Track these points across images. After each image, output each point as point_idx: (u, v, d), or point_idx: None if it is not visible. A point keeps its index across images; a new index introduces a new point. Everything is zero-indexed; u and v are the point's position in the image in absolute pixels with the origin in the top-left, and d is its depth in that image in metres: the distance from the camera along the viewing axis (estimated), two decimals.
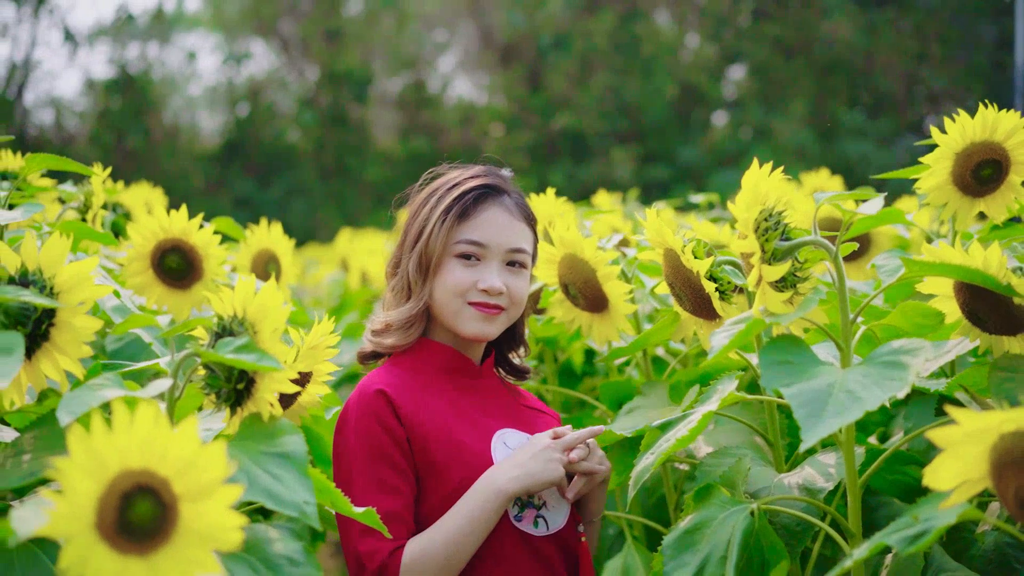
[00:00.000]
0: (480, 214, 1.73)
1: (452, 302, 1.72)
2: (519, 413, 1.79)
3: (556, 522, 1.68)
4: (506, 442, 1.71)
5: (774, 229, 1.41)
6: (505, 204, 1.76)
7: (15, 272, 1.32)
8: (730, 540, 1.36)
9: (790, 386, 1.28)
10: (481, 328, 1.72)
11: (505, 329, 1.78)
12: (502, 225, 1.74)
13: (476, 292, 1.71)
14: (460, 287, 1.71)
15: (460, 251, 1.72)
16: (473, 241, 1.72)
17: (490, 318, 1.72)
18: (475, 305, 1.71)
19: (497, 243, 1.73)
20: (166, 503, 0.98)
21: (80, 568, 0.94)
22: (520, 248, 1.75)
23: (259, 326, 1.32)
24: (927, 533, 1.14)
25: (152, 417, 0.97)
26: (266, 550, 1.24)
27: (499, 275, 1.72)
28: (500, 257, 1.73)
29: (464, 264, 1.72)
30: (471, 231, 1.72)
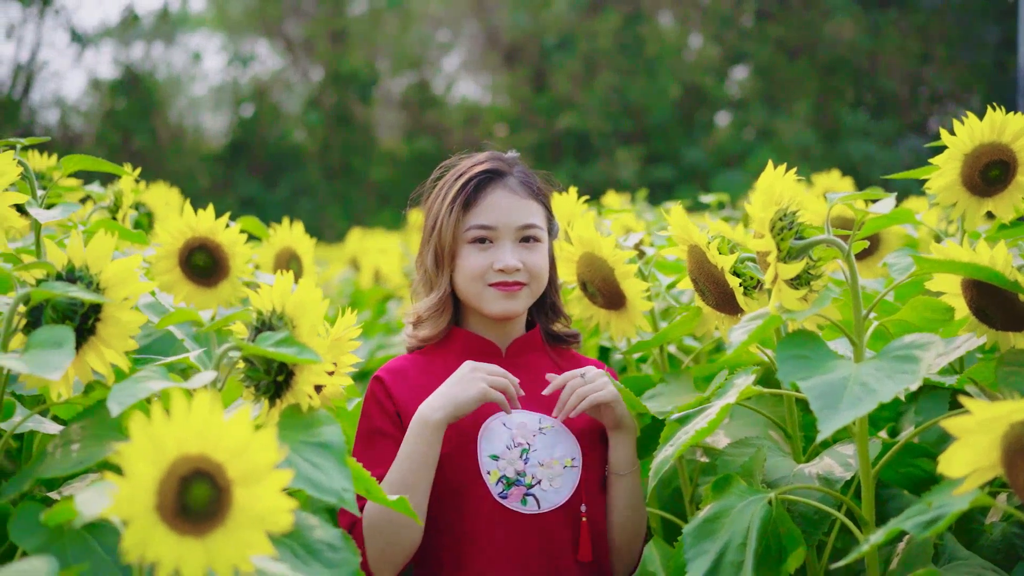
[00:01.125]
0: (485, 199, 1.81)
1: (473, 286, 1.80)
2: (545, 396, 1.81)
3: (551, 501, 1.73)
4: (505, 423, 1.76)
5: (789, 228, 1.47)
6: (508, 185, 1.83)
7: (62, 268, 1.38)
8: (749, 528, 1.41)
9: (807, 379, 1.33)
10: (505, 306, 1.80)
11: (536, 302, 1.87)
12: (508, 205, 1.81)
13: (493, 273, 1.79)
14: (478, 271, 1.79)
15: (472, 237, 1.80)
16: (482, 225, 1.80)
17: (512, 295, 1.79)
18: (495, 286, 1.79)
19: (506, 223, 1.80)
20: (221, 487, 1.04)
21: (142, 548, 1.00)
22: (530, 223, 1.81)
23: (298, 321, 1.38)
24: (941, 518, 1.19)
25: (208, 405, 1.02)
26: (306, 536, 1.29)
27: (513, 253, 1.79)
28: (511, 236, 1.80)
29: (478, 248, 1.80)
30: (478, 216, 1.80)
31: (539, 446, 1.75)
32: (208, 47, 22.89)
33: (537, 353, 1.88)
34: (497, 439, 1.75)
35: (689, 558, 1.43)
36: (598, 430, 1.82)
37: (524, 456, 1.74)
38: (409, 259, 4.24)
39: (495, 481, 1.72)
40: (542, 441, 1.76)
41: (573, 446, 1.77)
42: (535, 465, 1.74)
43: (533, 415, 1.78)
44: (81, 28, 17.53)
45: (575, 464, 1.76)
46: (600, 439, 1.82)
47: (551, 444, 1.76)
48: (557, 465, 1.75)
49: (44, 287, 1.32)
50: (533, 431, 1.77)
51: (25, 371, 1.22)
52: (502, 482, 1.72)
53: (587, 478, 1.77)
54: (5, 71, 17.00)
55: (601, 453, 1.81)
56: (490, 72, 18.63)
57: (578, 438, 1.79)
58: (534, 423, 1.77)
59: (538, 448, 1.75)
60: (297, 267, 2.51)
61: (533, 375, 1.83)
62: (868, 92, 16.29)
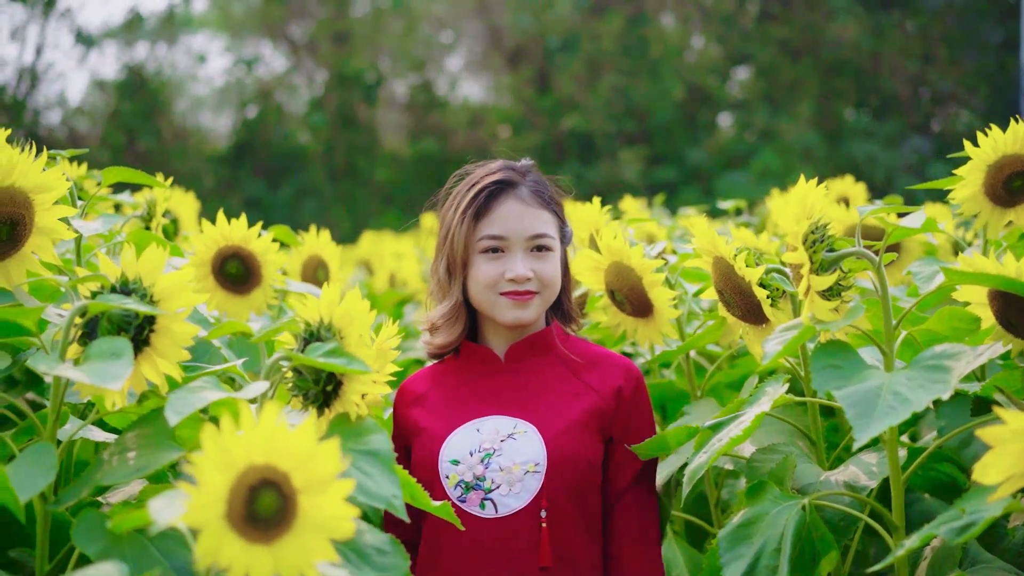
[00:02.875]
0: (496, 209, 1.84)
1: (486, 296, 1.83)
2: (530, 398, 1.83)
3: (509, 506, 1.75)
4: (479, 429, 1.80)
5: (821, 241, 1.51)
6: (519, 195, 1.85)
7: (116, 281, 1.41)
8: (783, 533, 1.45)
9: (841, 388, 1.37)
10: (517, 315, 1.83)
11: (549, 309, 1.90)
12: (518, 215, 1.83)
13: (505, 282, 1.82)
14: (489, 280, 1.82)
15: (483, 247, 1.83)
16: (493, 235, 1.83)
17: (523, 304, 1.82)
18: (507, 295, 1.82)
19: (516, 233, 1.83)
20: (287, 495, 1.07)
21: (214, 555, 1.03)
22: (540, 233, 1.84)
23: (345, 331, 1.42)
24: (975, 524, 1.23)
25: (274, 417, 1.06)
26: (356, 540, 1.33)
27: (524, 262, 1.82)
28: (522, 245, 1.83)
29: (490, 258, 1.83)
30: (489, 227, 1.83)
31: (505, 451, 1.77)
32: (211, 49, 22.91)
33: (541, 356, 1.88)
34: (463, 444, 1.79)
35: (725, 562, 1.47)
36: (580, 431, 1.80)
37: (485, 461, 1.77)
38: (426, 263, 4.29)
39: (453, 485, 1.77)
40: (509, 446, 1.77)
41: (540, 452, 1.77)
42: (496, 470, 1.76)
43: (509, 420, 1.81)
44: (85, 29, 17.57)
45: (538, 469, 1.75)
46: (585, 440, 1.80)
47: (517, 449, 1.77)
48: (518, 470, 1.76)
49: (100, 299, 1.36)
50: (503, 436, 1.79)
51: (87, 382, 1.25)
52: (460, 486, 1.77)
53: (551, 485, 1.75)
54: (9, 72, 17.04)
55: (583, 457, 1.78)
56: (493, 73, 18.67)
57: (551, 442, 1.77)
58: (507, 428, 1.80)
59: (503, 453, 1.77)
60: (324, 274, 2.55)
61: (529, 379, 1.86)
62: (871, 93, 16.32)
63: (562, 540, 1.76)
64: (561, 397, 1.84)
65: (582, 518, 1.79)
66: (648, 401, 1.89)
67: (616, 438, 1.84)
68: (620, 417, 1.84)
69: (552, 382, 1.86)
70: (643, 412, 1.88)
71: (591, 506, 1.81)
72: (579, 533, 1.78)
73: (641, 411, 1.87)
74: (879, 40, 15.96)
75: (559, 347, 1.89)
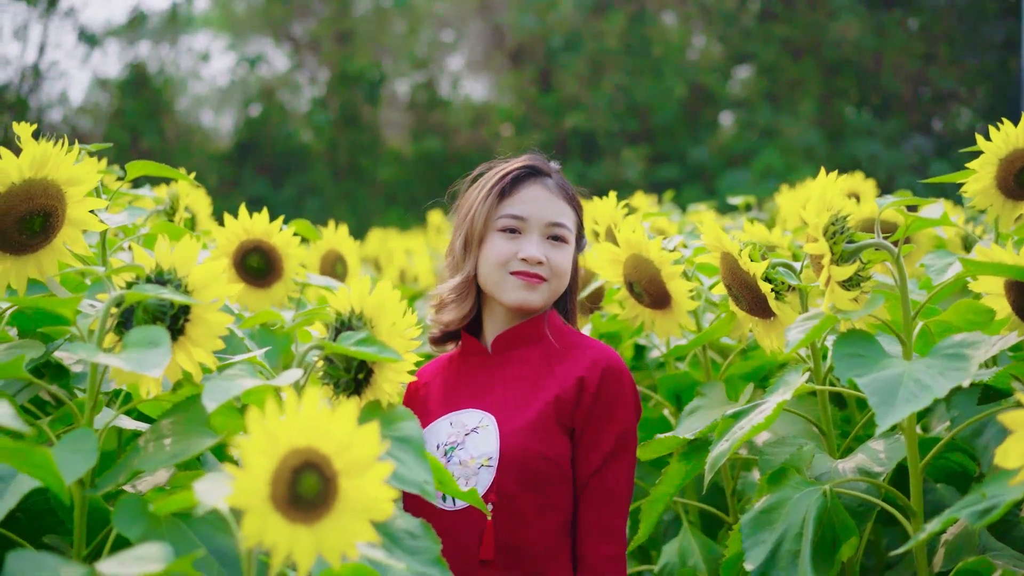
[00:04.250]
0: (520, 191, 1.86)
1: (495, 273, 1.83)
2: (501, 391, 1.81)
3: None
4: (452, 422, 1.81)
5: (841, 233, 1.54)
6: (546, 184, 1.88)
7: (151, 272, 1.44)
8: (805, 519, 1.48)
9: (863, 376, 1.40)
10: (523, 296, 1.82)
11: (555, 302, 1.90)
12: (542, 200, 1.86)
13: (517, 262, 1.82)
14: (501, 258, 1.83)
15: (501, 225, 1.84)
16: (513, 215, 1.84)
17: (531, 286, 1.82)
18: (516, 274, 1.82)
19: (537, 216, 1.84)
20: (328, 478, 1.10)
21: (259, 536, 1.06)
22: (559, 222, 1.85)
23: (376, 321, 1.44)
24: (996, 508, 1.26)
25: (316, 402, 1.09)
26: (388, 525, 1.36)
27: (539, 247, 1.82)
28: (540, 230, 1.84)
29: (506, 237, 1.84)
30: (511, 206, 1.85)
31: (467, 445, 1.77)
32: (214, 47, 22.93)
33: (528, 346, 1.86)
34: (434, 436, 1.81)
35: (747, 547, 1.50)
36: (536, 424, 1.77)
37: (448, 454, 1.78)
38: (439, 259, 4.32)
39: None
40: (471, 440, 1.77)
41: (494, 446, 1.75)
42: (456, 464, 1.76)
43: (477, 414, 1.80)
44: (88, 28, 17.59)
45: (491, 463, 1.74)
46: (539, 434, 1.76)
47: (476, 443, 1.76)
48: (474, 464, 1.75)
49: (136, 289, 1.39)
50: (468, 429, 1.79)
51: (127, 369, 1.28)
52: None
53: (502, 480, 1.73)
54: (12, 71, 17.07)
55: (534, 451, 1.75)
56: (496, 72, 18.69)
57: (504, 436, 1.75)
58: (473, 422, 1.80)
59: (464, 447, 1.77)
60: (343, 268, 2.58)
61: (509, 371, 1.84)
62: (872, 92, 16.34)
63: (512, 535, 1.73)
64: (530, 389, 1.82)
65: (544, 512, 1.74)
66: (621, 393, 1.79)
67: (577, 429, 1.78)
68: (581, 408, 1.78)
69: (527, 373, 1.83)
70: (606, 403, 1.78)
71: (558, 500, 1.76)
72: (537, 528, 1.74)
73: (604, 402, 1.78)
74: (881, 39, 15.98)
75: (546, 337, 1.86)
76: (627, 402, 1.80)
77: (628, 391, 1.81)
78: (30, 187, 1.53)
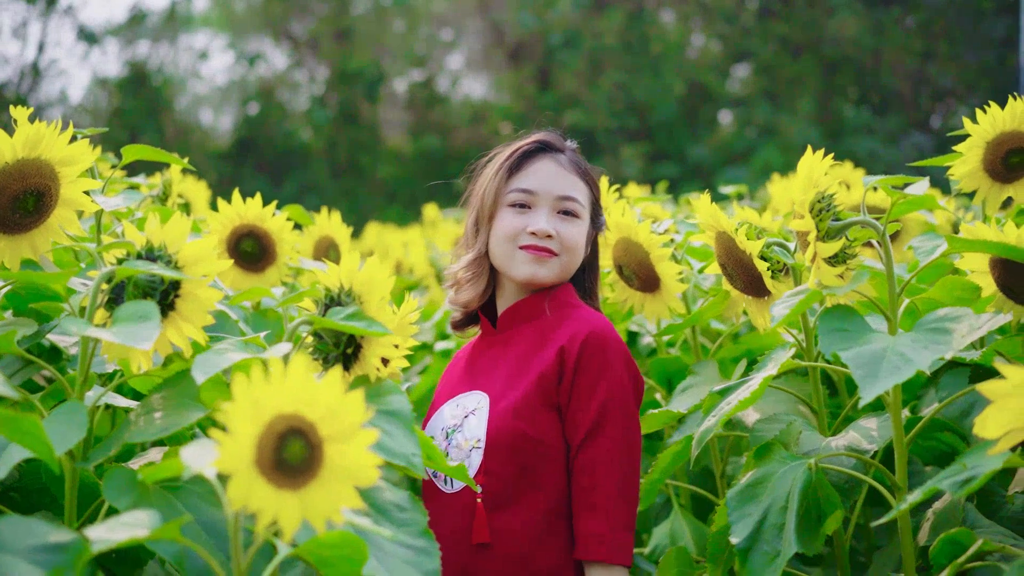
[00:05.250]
0: (531, 165, 1.84)
1: (505, 247, 1.81)
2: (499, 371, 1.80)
3: (459, 482, 1.74)
4: (457, 404, 1.80)
5: (827, 210, 1.55)
6: (557, 159, 1.86)
7: (141, 248, 1.45)
8: (790, 492, 1.50)
9: (847, 350, 1.42)
10: (532, 270, 1.79)
11: (574, 282, 1.87)
12: (552, 175, 1.83)
13: (526, 236, 1.80)
14: (511, 232, 1.80)
15: (512, 200, 1.82)
16: (523, 189, 1.82)
17: (541, 260, 1.79)
18: (525, 248, 1.79)
19: (547, 190, 1.82)
20: (313, 444, 1.11)
21: (244, 500, 1.08)
22: (570, 196, 1.82)
23: (365, 297, 1.46)
24: (975, 478, 1.27)
25: (303, 369, 1.11)
26: (376, 497, 1.37)
27: (548, 220, 1.80)
28: (550, 204, 1.81)
29: (516, 212, 1.82)
30: (521, 181, 1.83)
31: (464, 427, 1.76)
32: (213, 46, 22.94)
33: (527, 323, 1.83)
34: (440, 420, 1.81)
35: (733, 520, 1.51)
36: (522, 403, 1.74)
37: (449, 437, 1.78)
38: (434, 250, 4.33)
39: None
40: (468, 422, 1.76)
41: (483, 428, 1.74)
42: (454, 447, 1.76)
43: (476, 395, 1.80)
44: (87, 27, 17.61)
45: (479, 445, 1.73)
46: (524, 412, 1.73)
47: (471, 426, 1.75)
48: (467, 447, 1.74)
49: (127, 265, 1.40)
50: (468, 411, 1.78)
51: (117, 342, 1.30)
52: None
53: (489, 462, 1.72)
54: (11, 70, 17.09)
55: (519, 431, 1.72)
56: (495, 70, 18.71)
57: (492, 418, 1.74)
58: (473, 404, 1.78)
59: (463, 429, 1.76)
60: (335, 255, 2.59)
61: (510, 350, 1.81)
62: (871, 89, 16.36)
63: (500, 517, 1.71)
64: (522, 366, 1.78)
65: (529, 494, 1.71)
66: (604, 363, 1.72)
67: (562, 404, 1.74)
68: (564, 382, 1.73)
69: (524, 351, 1.80)
70: (587, 374, 1.72)
71: (545, 481, 1.72)
72: (524, 510, 1.71)
73: (585, 373, 1.72)
74: (879, 36, 15.99)
75: (545, 313, 1.82)
76: (612, 371, 1.72)
77: (614, 359, 1.73)
78: (23, 167, 1.54)
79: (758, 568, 1.47)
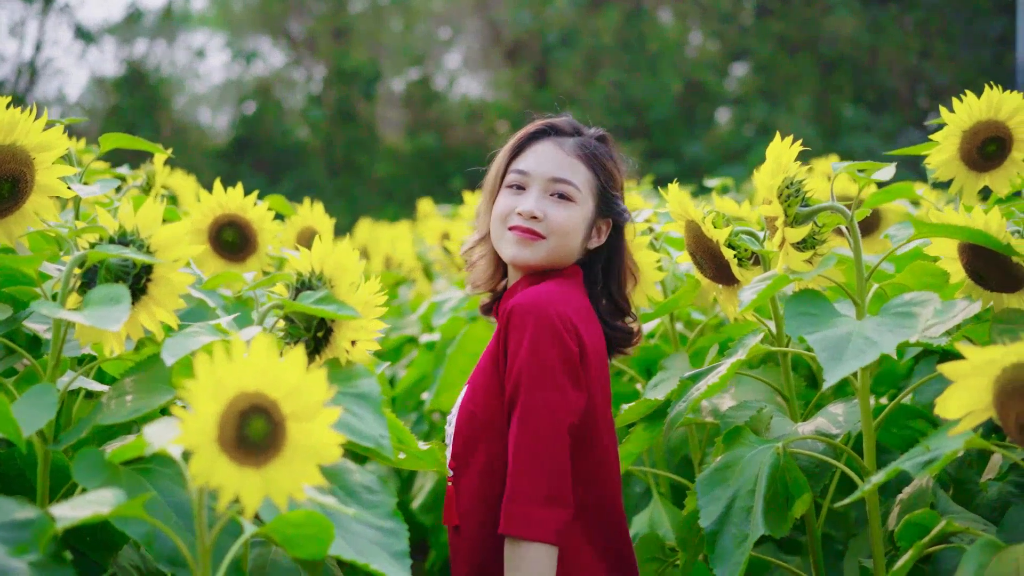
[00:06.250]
0: (532, 147, 1.83)
1: (497, 227, 1.81)
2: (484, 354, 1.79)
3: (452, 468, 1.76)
4: (463, 394, 1.81)
5: (795, 196, 1.56)
6: (559, 142, 1.82)
7: (114, 233, 1.47)
8: (758, 475, 1.51)
9: (813, 333, 1.43)
10: (517, 251, 1.77)
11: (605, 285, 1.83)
12: (548, 156, 1.80)
13: (515, 216, 1.78)
14: (503, 212, 1.80)
15: (508, 181, 1.82)
16: (519, 170, 1.81)
17: (526, 242, 1.77)
18: (513, 229, 1.78)
19: (539, 172, 1.79)
20: (276, 422, 1.13)
21: (207, 476, 1.09)
22: (563, 179, 1.78)
23: (336, 281, 1.47)
24: (937, 459, 1.28)
25: (265, 348, 1.12)
26: (346, 479, 1.39)
27: (537, 202, 1.77)
28: (542, 185, 1.79)
29: (512, 192, 1.81)
30: (519, 162, 1.82)
31: (452, 413, 1.81)
32: (211, 44, 22.95)
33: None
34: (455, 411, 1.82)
35: (702, 504, 1.52)
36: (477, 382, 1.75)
37: (450, 423, 1.81)
38: (421, 244, 4.35)
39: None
40: (454, 410, 1.81)
41: (455, 413, 1.78)
42: (448, 434, 1.81)
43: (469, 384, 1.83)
44: (84, 25, 17.63)
45: (451, 430, 1.78)
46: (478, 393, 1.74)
47: (455, 412, 1.80)
48: (450, 430, 1.79)
49: (99, 249, 1.41)
50: (461, 400, 1.80)
51: (87, 324, 1.31)
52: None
53: (455, 445, 1.75)
54: (8, 68, 17.10)
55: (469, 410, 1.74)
56: (492, 69, 18.71)
57: (461, 403, 1.77)
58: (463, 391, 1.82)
59: (453, 416, 1.80)
60: None
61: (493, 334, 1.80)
62: (868, 88, 16.37)
63: (463, 500, 1.73)
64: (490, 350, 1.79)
65: (485, 476, 1.71)
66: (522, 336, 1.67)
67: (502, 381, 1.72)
68: (503, 359, 1.72)
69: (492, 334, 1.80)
70: (510, 348, 1.69)
71: (500, 463, 1.69)
72: (482, 492, 1.70)
73: (509, 348, 1.69)
74: (876, 35, 16.00)
75: None
76: (529, 341, 1.66)
77: (531, 331, 1.67)
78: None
79: (727, 551, 1.49)
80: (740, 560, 1.46)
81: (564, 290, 1.75)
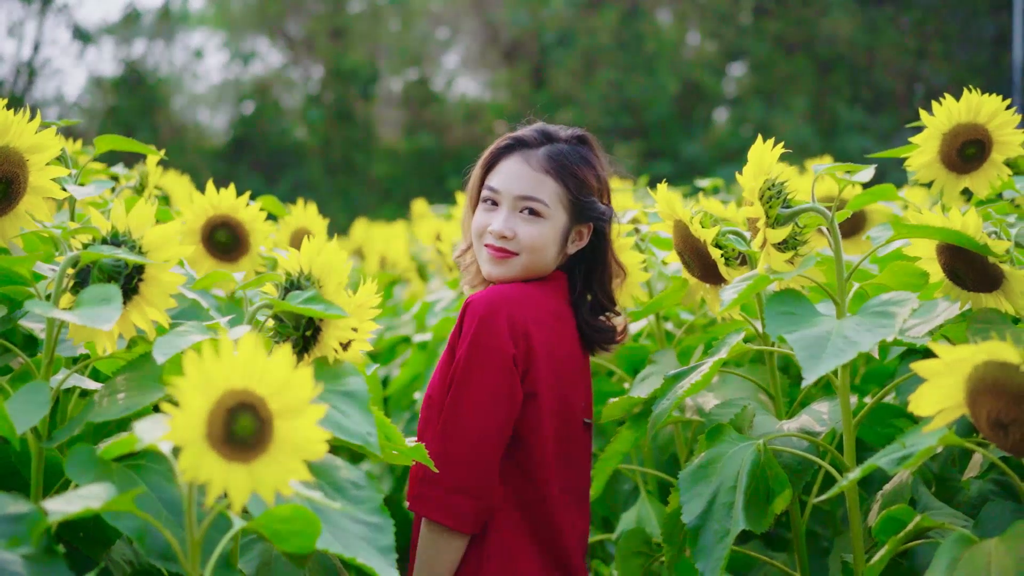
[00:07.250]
0: (501, 163, 1.89)
1: (475, 243, 1.90)
2: None
3: None
4: None
5: (777, 197, 1.59)
6: (526, 156, 1.86)
7: (107, 233, 1.49)
8: (739, 471, 1.53)
9: (792, 332, 1.46)
10: (491, 269, 1.85)
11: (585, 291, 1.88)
12: (516, 174, 1.85)
13: (488, 234, 1.85)
14: (478, 229, 1.88)
15: (483, 197, 1.89)
16: (489, 187, 1.88)
17: (499, 260, 1.84)
18: (487, 247, 1.86)
19: (508, 190, 1.85)
20: (263, 419, 1.15)
21: (195, 471, 1.11)
22: (528, 196, 1.83)
23: (324, 280, 1.50)
24: (912, 455, 1.31)
25: (252, 346, 1.14)
26: (333, 475, 1.41)
27: (507, 220, 1.83)
28: (510, 203, 1.84)
29: (486, 208, 1.88)
30: (491, 179, 1.89)
31: None
32: (209, 45, 22.96)
33: None
34: None
35: (684, 500, 1.55)
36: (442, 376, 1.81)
37: None
38: (416, 245, 4.38)
39: None
40: None
41: None
42: None
43: None
44: (82, 25, 17.65)
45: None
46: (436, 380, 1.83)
47: None
48: None
49: (92, 250, 1.44)
50: None
51: (79, 323, 1.33)
52: None
53: (419, 432, 1.83)
54: (7, 68, 17.12)
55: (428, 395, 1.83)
56: (490, 69, 18.75)
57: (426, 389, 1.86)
58: None
59: None
60: None
61: None
62: (865, 88, 16.41)
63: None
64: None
65: None
66: (467, 330, 1.76)
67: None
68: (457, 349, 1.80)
69: None
70: (461, 345, 1.77)
71: None
72: None
73: (460, 344, 1.78)
74: (873, 35, 16.05)
75: None
76: (470, 339, 1.75)
77: (475, 328, 1.75)
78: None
79: (709, 546, 1.51)
80: (721, 555, 1.49)
81: (529, 293, 1.82)
